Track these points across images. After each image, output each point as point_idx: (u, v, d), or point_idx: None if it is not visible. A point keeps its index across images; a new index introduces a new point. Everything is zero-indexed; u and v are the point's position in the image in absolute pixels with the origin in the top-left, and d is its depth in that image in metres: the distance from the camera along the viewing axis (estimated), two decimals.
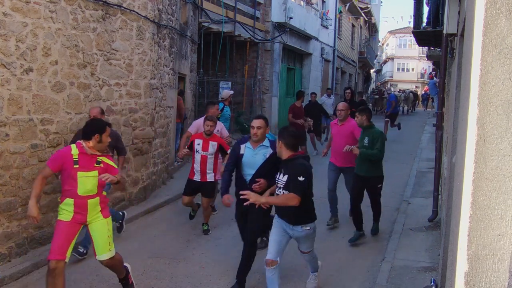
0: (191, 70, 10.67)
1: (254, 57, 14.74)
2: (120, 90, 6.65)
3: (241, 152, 4.66)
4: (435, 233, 6.20)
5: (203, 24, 11.20)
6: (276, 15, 15.15)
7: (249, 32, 13.75)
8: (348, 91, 12.82)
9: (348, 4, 24.09)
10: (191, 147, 6.19)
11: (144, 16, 6.92)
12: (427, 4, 9.16)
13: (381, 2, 35.69)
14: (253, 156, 4.62)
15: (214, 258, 5.46)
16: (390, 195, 8.32)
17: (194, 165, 6.18)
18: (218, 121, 6.65)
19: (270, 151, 4.58)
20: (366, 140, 5.76)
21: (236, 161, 4.71)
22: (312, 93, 13.55)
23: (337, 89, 24.19)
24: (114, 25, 6.39)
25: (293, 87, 18.31)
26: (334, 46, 22.44)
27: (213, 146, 6.09)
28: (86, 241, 5.15)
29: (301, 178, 3.88)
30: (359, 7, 26.46)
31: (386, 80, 51.62)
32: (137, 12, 6.77)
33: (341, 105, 6.63)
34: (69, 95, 5.72)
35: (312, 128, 11.86)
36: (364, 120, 5.84)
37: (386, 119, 15.31)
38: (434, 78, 18.53)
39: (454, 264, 2.11)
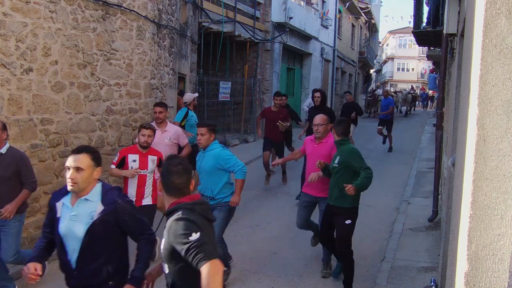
0: (191, 70, 10.67)
1: (254, 57, 14.73)
2: (120, 90, 6.65)
3: (57, 214, 2.73)
4: (435, 233, 6.20)
5: (203, 24, 11.20)
6: (276, 15, 15.15)
7: (249, 32, 13.75)
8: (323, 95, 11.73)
9: (347, 4, 24.08)
10: (122, 163, 4.85)
11: (144, 16, 6.92)
12: (427, 4, 9.17)
13: (381, 2, 35.68)
14: (71, 221, 2.68)
15: None
16: (390, 195, 8.32)
17: (128, 188, 4.80)
18: (175, 127, 6.13)
19: (99, 208, 2.66)
20: (337, 160, 4.51)
21: (52, 225, 2.77)
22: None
23: (337, 89, 24.19)
24: (114, 25, 6.39)
25: (293, 87, 18.32)
26: (334, 46, 22.43)
27: (153, 161, 4.86)
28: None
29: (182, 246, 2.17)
30: (359, 7, 26.46)
31: (386, 80, 51.61)
32: (137, 12, 6.77)
33: (319, 118, 5.09)
34: (69, 95, 5.72)
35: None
36: (335, 135, 4.67)
37: (380, 127, 13.20)
38: (435, 73, 17.78)
39: (454, 264, 2.11)
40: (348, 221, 4.50)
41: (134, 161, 4.81)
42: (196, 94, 8.30)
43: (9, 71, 4.90)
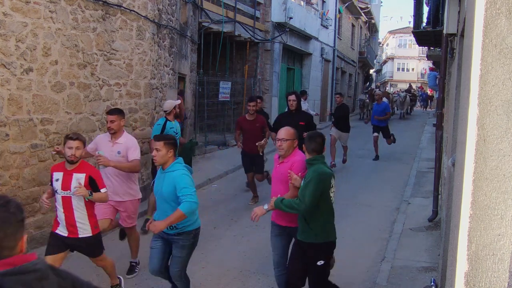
0: (191, 70, 10.67)
1: (254, 57, 14.73)
2: (120, 90, 6.65)
3: None
4: (435, 233, 6.20)
5: (203, 24, 11.20)
6: (276, 15, 15.16)
7: (249, 32, 13.75)
8: (337, 95, 11.05)
9: (347, 4, 24.08)
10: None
11: (144, 16, 6.92)
12: (427, 4, 9.17)
13: (381, 2, 35.68)
14: None
15: (214, 258, 5.46)
16: (390, 195, 8.32)
17: (57, 212, 4.03)
18: (129, 138, 4.95)
19: None
20: (303, 183, 3.72)
21: None
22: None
23: (337, 89, 24.18)
24: (114, 25, 6.39)
25: (293, 87, 18.32)
26: (334, 46, 22.43)
27: (79, 180, 3.92)
28: None
29: None
30: (359, 7, 26.46)
31: (386, 80, 51.63)
32: (137, 12, 6.77)
33: (283, 131, 4.02)
34: (69, 95, 5.73)
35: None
36: (305, 152, 3.83)
37: (375, 134, 11.63)
38: (435, 72, 17.31)
39: (454, 264, 2.11)
40: (320, 262, 3.63)
41: (57, 180, 3.95)
42: (178, 101, 7.02)
43: (9, 71, 4.90)
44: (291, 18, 15.38)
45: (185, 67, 9.93)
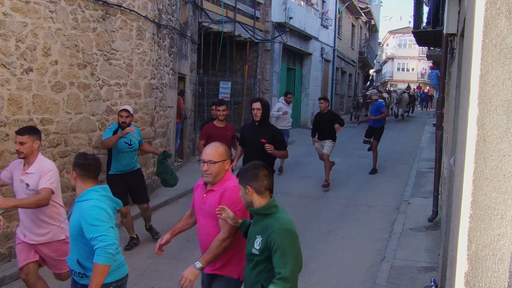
0: (191, 70, 10.67)
1: (254, 57, 14.73)
2: (120, 90, 6.65)
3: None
4: (435, 233, 6.20)
5: (203, 24, 11.20)
6: (276, 15, 15.16)
7: (249, 32, 13.75)
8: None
9: (347, 3, 24.08)
10: None
11: (144, 16, 6.92)
12: (427, 4, 9.17)
13: (381, 2, 35.69)
14: None
15: None
16: (390, 195, 8.33)
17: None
18: (45, 164, 3.83)
19: None
20: (257, 244, 2.64)
21: None
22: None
23: (337, 89, 24.17)
24: (114, 25, 6.40)
25: (293, 87, 18.32)
26: (334, 46, 22.43)
27: None
28: None
29: None
30: (359, 7, 26.46)
31: (386, 80, 51.62)
32: (137, 12, 6.77)
33: (209, 150, 3.01)
34: (69, 95, 5.73)
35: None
36: (247, 195, 2.70)
37: (367, 140, 10.42)
38: (438, 70, 16.56)
39: (454, 264, 2.11)
40: None
41: None
42: (126, 107, 5.78)
43: (9, 71, 4.90)
44: (291, 18, 15.38)
45: (185, 67, 9.93)
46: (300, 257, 2.63)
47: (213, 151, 2.99)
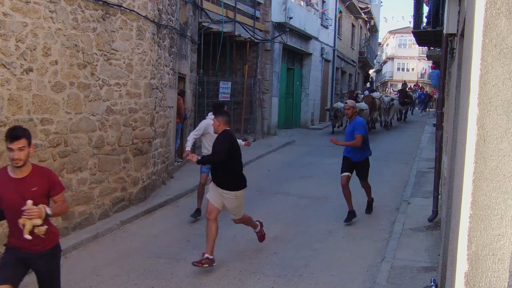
0: (191, 70, 10.67)
1: (254, 57, 14.74)
2: (120, 90, 6.65)
3: None
4: (435, 233, 6.20)
5: (203, 24, 11.20)
6: (276, 15, 15.16)
7: (249, 32, 13.75)
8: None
9: (347, 3, 24.08)
10: None
11: (144, 16, 6.92)
12: (427, 4, 9.17)
13: (381, 2, 35.69)
14: None
15: (214, 258, 5.46)
16: (390, 195, 8.32)
17: None
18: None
19: None
20: None
21: None
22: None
23: (337, 89, 24.16)
24: (114, 25, 6.40)
25: (293, 87, 18.33)
26: (334, 46, 22.43)
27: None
28: None
29: None
30: (359, 7, 26.46)
31: (386, 80, 51.61)
32: (137, 12, 6.77)
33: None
34: (69, 95, 5.73)
35: None
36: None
37: (345, 173, 6.74)
38: (439, 70, 15.19)
39: (454, 264, 2.11)
40: None
41: None
42: None
43: (9, 71, 4.90)
44: (291, 18, 15.38)
45: (185, 67, 9.93)
46: None
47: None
